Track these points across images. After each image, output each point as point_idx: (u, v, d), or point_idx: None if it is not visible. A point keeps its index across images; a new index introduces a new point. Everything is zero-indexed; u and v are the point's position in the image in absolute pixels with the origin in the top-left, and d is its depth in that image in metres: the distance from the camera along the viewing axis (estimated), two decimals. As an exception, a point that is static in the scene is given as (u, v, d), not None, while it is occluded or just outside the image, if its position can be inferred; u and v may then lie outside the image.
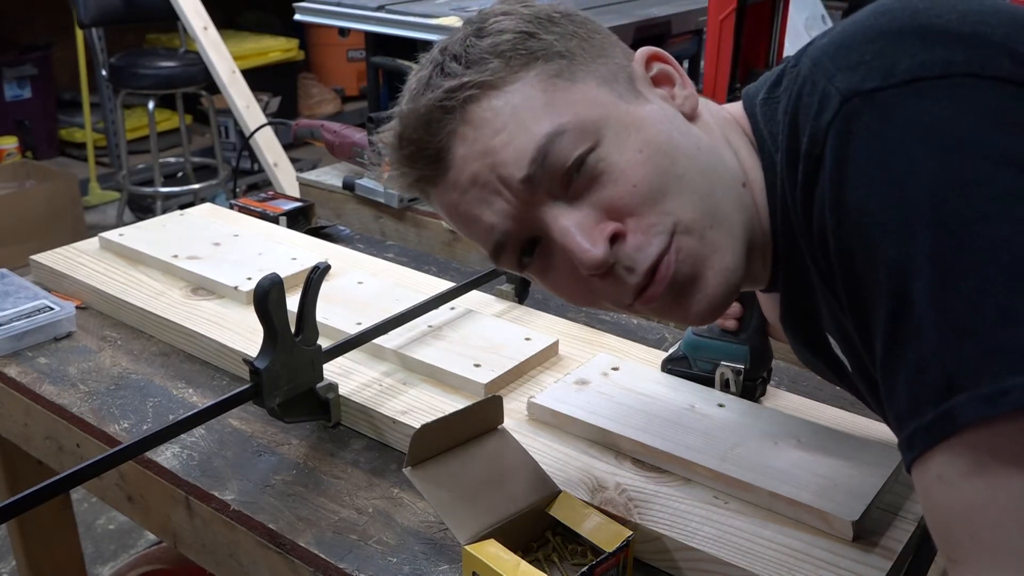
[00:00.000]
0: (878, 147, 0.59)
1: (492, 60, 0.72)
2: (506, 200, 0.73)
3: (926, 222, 0.56)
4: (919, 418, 0.57)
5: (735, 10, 2.19)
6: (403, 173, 0.78)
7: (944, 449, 0.56)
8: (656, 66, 0.78)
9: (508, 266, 0.78)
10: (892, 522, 0.84)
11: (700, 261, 0.72)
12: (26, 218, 3.66)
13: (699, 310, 0.73)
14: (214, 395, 1.09)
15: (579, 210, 0.72)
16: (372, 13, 2.69)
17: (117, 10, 3.82)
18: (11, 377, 1.15)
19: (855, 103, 0.61)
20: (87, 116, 4.43)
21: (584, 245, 0.71)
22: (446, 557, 0.85)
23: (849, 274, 0.63)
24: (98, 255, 1.40)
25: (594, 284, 0.74)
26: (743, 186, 0.74)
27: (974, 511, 0.55)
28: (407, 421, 0.99)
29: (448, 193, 0.76)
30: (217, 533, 0.93)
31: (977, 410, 0.54)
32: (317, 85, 5.61)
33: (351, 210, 1.70)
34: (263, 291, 0.92)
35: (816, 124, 0.63)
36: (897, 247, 0.57)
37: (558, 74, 0.73)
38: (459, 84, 0.72)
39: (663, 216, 0.71)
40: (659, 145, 0.71)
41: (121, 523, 2.36)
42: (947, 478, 0.56)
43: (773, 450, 0.90)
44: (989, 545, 0.55)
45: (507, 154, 0.72)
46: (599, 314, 1.32)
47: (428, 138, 0.74)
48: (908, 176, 0.57)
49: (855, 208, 0.60)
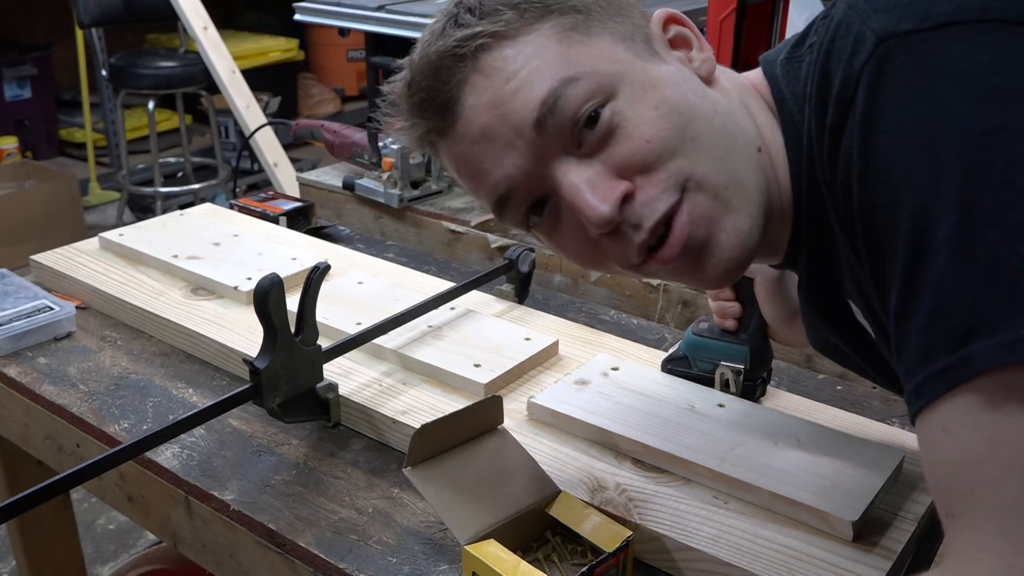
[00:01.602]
0: (909, 91, 0.58)
1: (506, 11, 0.72)
2: (518, 152, 0.72)
3: (953, 168, 0.55)
4: (931, 365, 0.56)
5: (735, 10, 2.19)
6: (413, 124, 0.77)
7: (953, 396, 0.55)
8: (674, 28, 0.78)
9: (512, 222, 0.77)
10: (892, 522, 0.84)
11: (714, 222, 0.70)
12: (26, 218, 3.67)
13: (715, 274, 0.72)
14: (214, 395, 1.09)
15: (590, 167, 0.71)
16: (372, 13, 2.69)
17: (117, 10, 3.82)
18: (11, 377, 1.15)
19: (890, 45, 0.60)
20: (87, 116, 4.43)
21: (592, 202, 0.70)
22: (446, 557, 0.85)
23: (870, 221, 0.61)
24: (98, 255, 1.40)
25: (602, 244, 0.73)
26: (759, 151, 0.73)
27: (976, 464, 0.54)
28: (407, 421, 0.99)
29: (457, 144, 0.75)
30: (217, 533, 0.93)
31: (996, 356, 0.53)
32: (317, 85, 5.61)
33: (351, 210, 1.70)
34: (263, 291, 0.92)
35: (849, 66, 0.62)
36: (922, 193, 0.56)
37: (573, 27, 0.72)
38: (472, 33, 0.72)
39: (675, 173, 0.70)
40: (675, 104, 0.71)
41: (121, 523, 2.36)
42: (952, 429, 0.55)
43: (773, 450, 0.90)
44: (988, 500, 0.54)
45: (518, 101, 0.71)
46: (599, 314, 1.33)
47: (439, 86, 0.73)
48: (938, 121, 0.56)
49: (882, 153, 0.59)
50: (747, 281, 0.98)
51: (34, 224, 3.65)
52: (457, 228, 1.55)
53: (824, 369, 1.18)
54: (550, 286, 1.44)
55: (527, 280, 1.31)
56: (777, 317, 0.98)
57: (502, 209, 0.76)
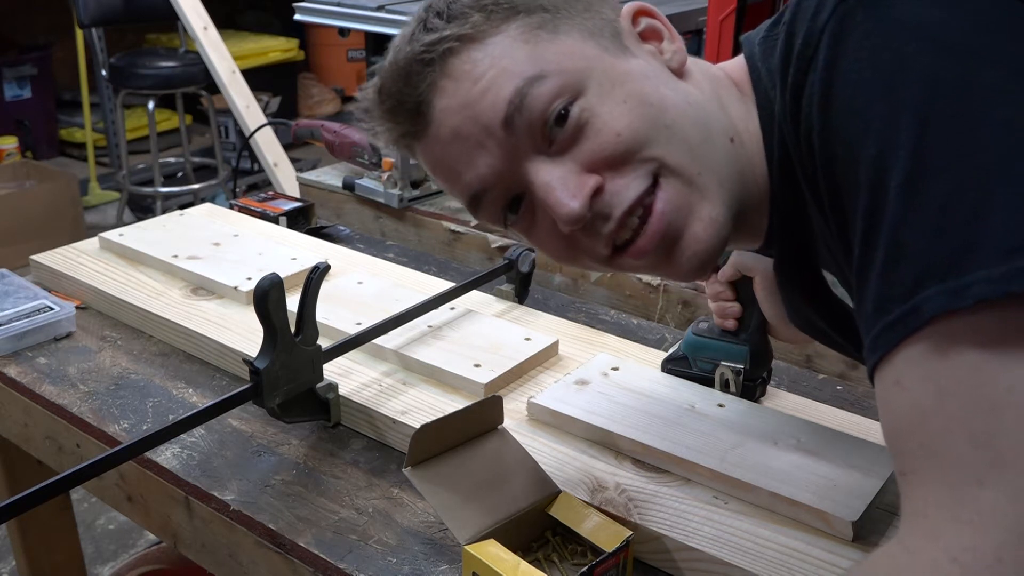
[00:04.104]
0: (868, 45, 0.59)
1: (474, 14, 0.73)
2: (489, 153, 0.73)
3: (909, 119, 0.56)
4: (885, 316, 0.56)
5: (735, 10, 2.19)
6: (387, 128, 0.78)
7: (905, 347, 0.55)
8: (644, 21, 0.78)
9: (488, 219, 0.78)
10: (892, 522, 0.84)
11: (690, 210, 0.71)
12: (26, 218, 3.67)
13: (690, 266, 0.72)
14: (214, 395, 1.09)
15: (561, 165, 0.72)
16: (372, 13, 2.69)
17: (117, 10, 3.82)
18: (11, 377, 1.15)
19: (851, 3, 0.60)
20: (87, 116, 4.43)
21: (563, 199, 0.70)
22: (446, 557, 0.85)
23: (831, 177, 0.62)
24: (98, 255, 1.40)
25: (576, 240, 0.73)
26: (731, 141, 0.73)
27: (924, 417, 0.54)
28: (407, 421, 0.99)
29: (431, 147, 0.76)
30: (217, 533, 0.93)
31: (943, 303, 0.52)
32: (317, 85, 5.61)
33: (351, 210, 1.70)
34: (263, 291, 0.92)
35: (812, 25, 0.63)
36: (879, 144, 0.57)
37: (540, 26, 0.72)
38: (439, 38, 0.72)
39: (647, 161, 0.70)
40: (644, 96, 0.71)
41: (121, 523, 2.36)
42: (903, 381, 0.55)
43: (773, 450, 0.90)
44: (935, 455, 0.53)
45: (486, 101, 0.71)
46: (599, 314, 1.33)
47: (408, 91, 0.74)
48: (895, 74, 0.57)
49: (841, 107, 0.60)
50: (747, 281, 0.98)
51: (34, 224, 3.65)
52: (457, 228, 1.55)
53: (824, 369, 1.18)
54: (550, 286, 1.44)
55: (527, 280, 1.31)
56: (777, 315, 0.98)
57: (476, 207, 0.77)
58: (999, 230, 0.52)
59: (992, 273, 0.51)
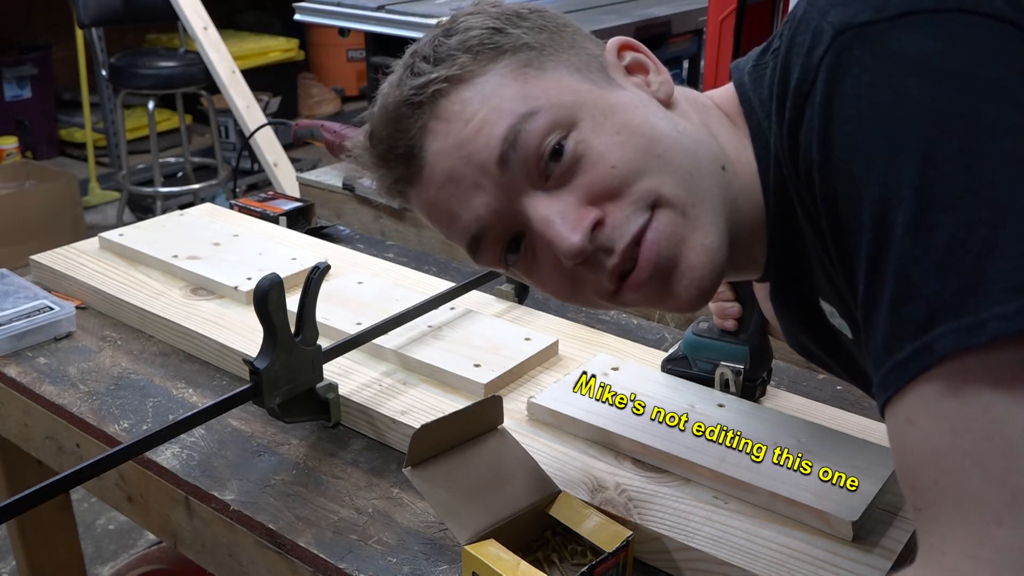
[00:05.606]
0: (867, 80, 0.58)
1: (460, 55, 0.72)
2: (485, 192, 0.72)
3: (912, 155, 0.55)
4: (895, 355, 0.55)
5: (735, 10, 2.20)
6: (380, 176, 0.77)
7: (917, 386, 0.54)
8: (629, 55, 0.78)
9: (488, 263, 0.77)
10: (892, 522, 0.84)
11: (682, 240, 0.70)
12: (26, 218, 3.67)
13: (688, 295, 0.71)
14: (214, 395, 1.09)
15: (560, 199, 0.71)
16: (372, 13, 2.70)
17: (117, 10, 3.82)
18: (11, 377, 1.15)
19: (847, 36, 0.60)
20: (87, 116, 4.43)
21: (563, 233, 0.70)
22: (446, 557, 0.85)
23: (833, 214, 0.61)
24: (98, 255, 1.40)
25: (579, 275, 0.73)
26: (723, 169, 0.73)
27: (938, 456, 0.53)
28: (407, 421, 0.99)
29: (425, 191, 0.75)
30: (217, 533, 0.93)
31: (955, 341, 0.52)
32: (317, 85, 5.61)
33: (351, 210, 1.70)
34: (263, 291, 0.92)
35: (807, 60, 0.62)
36: (882, 181, 0.56)
37: (528, 64, 0.72)
38: (427, 81, 0.72)
39: (644, 193, 0.70)
40: (636, 127, 0.71)
41: (121, 523, 2.36)
42: (916, 420, 0.55)
43: (773, 450, 0.90)
44: (950, 493, 0.53)
45: (479, 141, 0.71)
46: (599, 314, 1.32)
47: (398, 135, 0.74)
48: (896, 110, 0.57)
49: (841, 144, 0.59)
50: (747, 281, 0.98)
51: (34, 224, 3.65)
52: (457, 228, 1.55)
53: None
54: (550, 286, 1.44)
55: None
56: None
57: (476, 250, 0.76)
58: (1010, 266, 0.52)
59: (1007, 310, 0.51)
